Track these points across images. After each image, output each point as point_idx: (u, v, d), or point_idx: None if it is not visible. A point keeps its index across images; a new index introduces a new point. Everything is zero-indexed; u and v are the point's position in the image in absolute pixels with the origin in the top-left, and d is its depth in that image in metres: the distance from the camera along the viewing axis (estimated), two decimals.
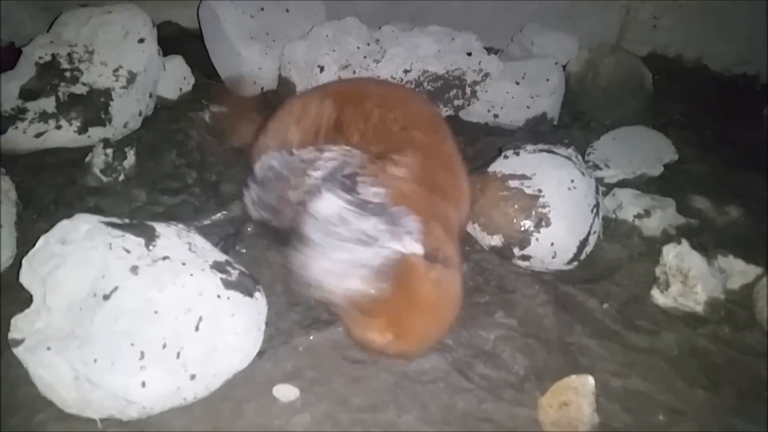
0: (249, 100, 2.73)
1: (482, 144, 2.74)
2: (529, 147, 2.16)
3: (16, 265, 1.66)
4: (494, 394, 1.64)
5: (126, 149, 2.19)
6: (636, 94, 3.00)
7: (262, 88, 2.86)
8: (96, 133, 2.30)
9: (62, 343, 1.35)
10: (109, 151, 2.16)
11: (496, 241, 2.03)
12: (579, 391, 1.60)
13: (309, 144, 1.82)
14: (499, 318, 1.85)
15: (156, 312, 1.39)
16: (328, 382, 1.60)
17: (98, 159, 2.15)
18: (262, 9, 2.89)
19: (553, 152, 2.12)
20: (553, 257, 2.00)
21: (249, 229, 1.98)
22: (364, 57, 2.65)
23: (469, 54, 2.72)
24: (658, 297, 1.99)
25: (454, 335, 1.77)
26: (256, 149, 1.99)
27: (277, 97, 2.80)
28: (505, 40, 3.32)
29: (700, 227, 2.31)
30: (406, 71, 2.65)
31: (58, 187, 2.13)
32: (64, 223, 1.51)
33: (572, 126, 2.91)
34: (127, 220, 1.58)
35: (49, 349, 1.35)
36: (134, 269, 1.42)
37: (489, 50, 2.94)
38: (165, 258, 1.46)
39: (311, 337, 1.70)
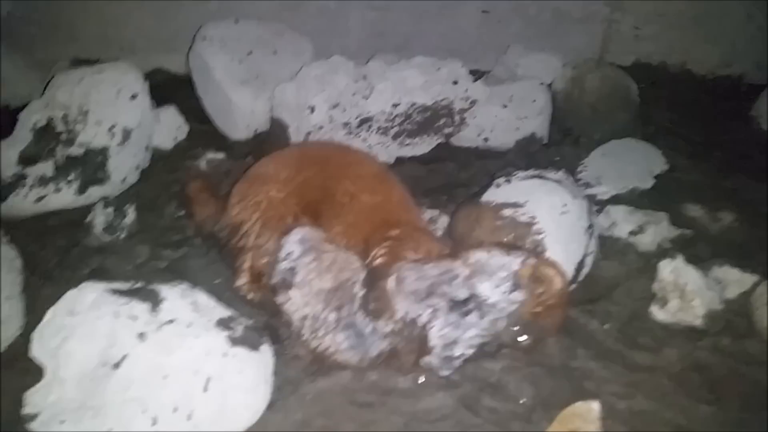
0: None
1: (475, 168, 2.78)
2: (520, 174, 2.19)
3: (25, 335, 1.70)
4: (503, 426, 1.66)
5: (125, 206, 2.24)
6: (623, 106, 3.04)
7: (256, 130, 2.90)
8: (95, 192, 2.35)
9: (76, 415, 1.40)
10: (109, 209, 2.21)
11: None
12: (585, 418, 1.62)
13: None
14: (502, 348, 1.88)
15: (165, 377, 1.43)
16: (338, 428, 1.63)
17: (99, 219, 2.21)
18: (250, 53, 2.94)
19: (543, 177, 2.15)
20: None
21: None
22: (353, 94, 2.70)
23: (456, 83, 2.76)
24: (658, 313, 2.02)
25: (460, 370, 1.80)
26: None
27: (269, 138, 2.85)
28: (491, 61, 3.36)
29: (694, 237, 2.34)
30: (394, 105, 2.70)
31: (62, 249, 2.18)
32: (70, 294, 1.55)
33: (562, 143, 2.95)
34: (132, 284, 1.62)
35: (63, 422, 1.39)
36: (141, 336, 1.46)
37: (475, 72, 2.99)
38: (171, 321, 1.50)
39: (319, 384, 1.72)
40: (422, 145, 2.84)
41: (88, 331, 1.47)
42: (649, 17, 3.52)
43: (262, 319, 1.90)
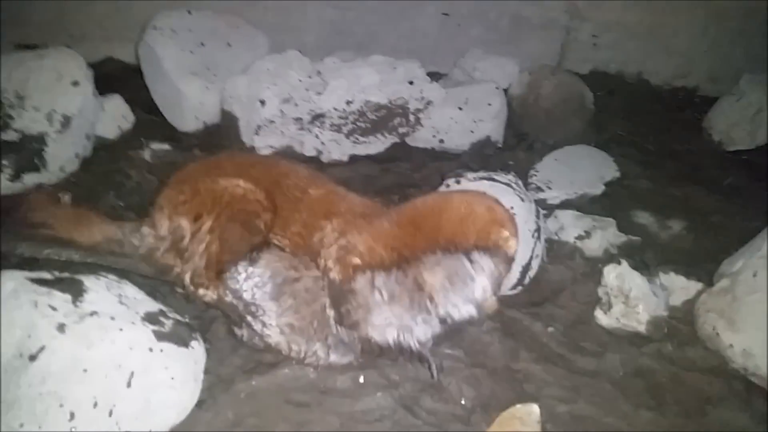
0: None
1: (429, 169, 2.75)
2: (470, 175, 2.16)
3: None
4: (441, 428, 1.62)
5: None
6: (577, 113, 3.05)
7: (205, 123, 2.83)
8: (31, 179, 2.25)
9: None
10: None
11: None
12: (524, 421, 1.59)
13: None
14: (445, 348, 1.84)
15: (85, 370, 1.35)
16: (271, 428, 1.56)
17: None
18: (203, 44, 2.87)
19: (493, 179, 2.13)
20: None
21: None
22: (306, 90, 2.65)
23: (411, 83, 2.74)
24: (602, 318, 2.00)
25: (401, 370, 1.76)
26: None
27: (219, 131, 2.78)
28: (450, 64, 3.36)
29: (642, 244, 2.34)
30: (348, 102, 2.65)
31: None
32: None
33: (516, 148, 2.94)
34: (56, 273, 1.54)
35: None
36: (61, 327, 1.38)
37: (434, 75, 2.98)
38: (93, 313, 1.42)
39: (253, 383, 1.66)
40: (377, 144, 2.81)
41: (5, 321, 1.38)
42: (607, 26, 3.56)
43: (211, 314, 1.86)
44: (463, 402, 1.70)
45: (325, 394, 1.68)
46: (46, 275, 1.50)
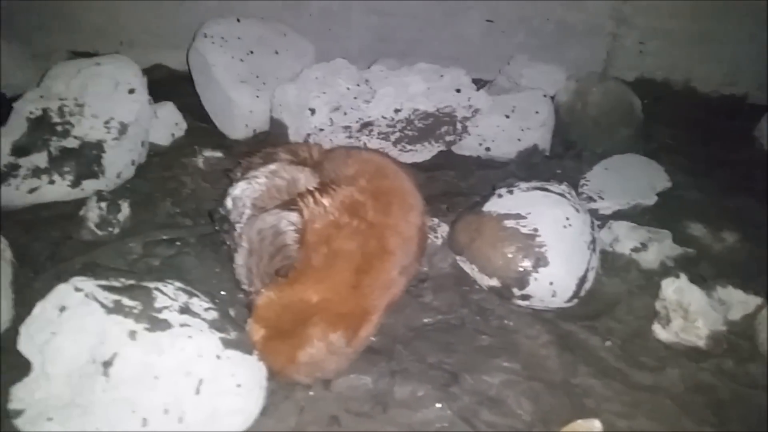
0: None
1: (476, 178, 2.74)
2: (523, 185, 2.16)
3: (14, 328, 1.63)
4: None
5: (120, 201, 2.19)
6: (626, 121, 3.02)
7: (254, 130, 2.86)
8: (90, 186, 2.29)
9: (63, 413, 1.34)
10: (103, 204, 2.16)
11: (495, 281, 2.02)
12: None
13: None
14: (502, 361, 1.83)
15: (156, 377, 1.38)
16: None
17: (92, 213, 2.15)
18: (252, 52, 2.90)
19: (546, 189, 2.12)
20: (553, 296, 1.99)
21: None
22: (355, 98, 2.65)
23: (458, 91, 2.73)
24: (660, 332, 1.98)
25: (459, 382, 1.76)
26: None
27: (269, 139, 2.81)
28: (494, 70, 3.34)
29: (697, 256, 2.29)
30: (396, 110, 2.65)
31: (54, 242, 2.11)
32: (60, 288, 1.50)
33: (564, 156, 2.91)
34: (123, 281, 1.56)
35: (50, 419, 1.34)
36: (132, 334, 1.41)
37: (478, 81, 2.96)
38: (163, 321, 1.45)
39: (312, 392, 1.67)
40: (423, 152, 2.81)
41: (78, 327, 1.42)
42: (653, 33, 3.50)
43: None
44: (522, 416, 1.69)
45: (383, 404, 1.68)
46: (115, 283, 1.53)
